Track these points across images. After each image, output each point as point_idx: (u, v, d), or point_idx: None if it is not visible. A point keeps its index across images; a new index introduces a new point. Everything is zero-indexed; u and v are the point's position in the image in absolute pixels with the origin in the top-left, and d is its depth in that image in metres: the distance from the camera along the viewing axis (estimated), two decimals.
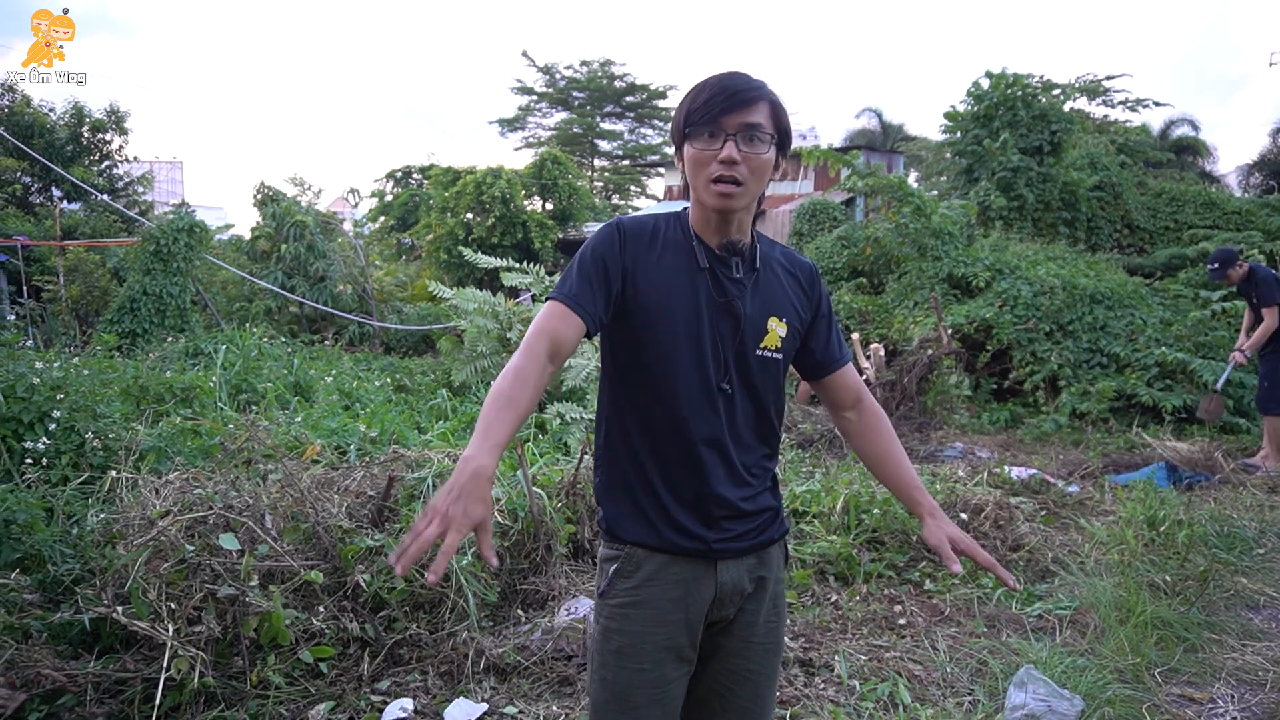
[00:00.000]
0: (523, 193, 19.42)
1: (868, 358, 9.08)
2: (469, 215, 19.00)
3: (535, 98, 34.46)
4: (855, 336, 9.55)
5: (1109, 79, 19.34)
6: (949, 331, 8.46)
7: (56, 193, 17.20)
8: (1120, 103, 18.95)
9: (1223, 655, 3.26)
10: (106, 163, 18.57)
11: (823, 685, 2.97)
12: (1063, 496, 5.30)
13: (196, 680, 2.50)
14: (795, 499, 4.47)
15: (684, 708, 1.57)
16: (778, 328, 1.55)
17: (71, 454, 4.09)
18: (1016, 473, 5.60)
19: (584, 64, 33.25)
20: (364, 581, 3.03)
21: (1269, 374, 6.23)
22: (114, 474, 3.51)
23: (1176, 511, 4.52)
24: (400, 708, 2.69)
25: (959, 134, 13.78)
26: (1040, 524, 4.66)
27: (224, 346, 7.85)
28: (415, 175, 27.83)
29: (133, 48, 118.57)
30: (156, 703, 2.46)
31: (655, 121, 34.63)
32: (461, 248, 11.80)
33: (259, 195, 15.75)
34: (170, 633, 2.55)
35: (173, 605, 2.63)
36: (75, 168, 16.57)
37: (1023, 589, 3.84)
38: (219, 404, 5.90)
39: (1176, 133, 23.17)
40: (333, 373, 8.03)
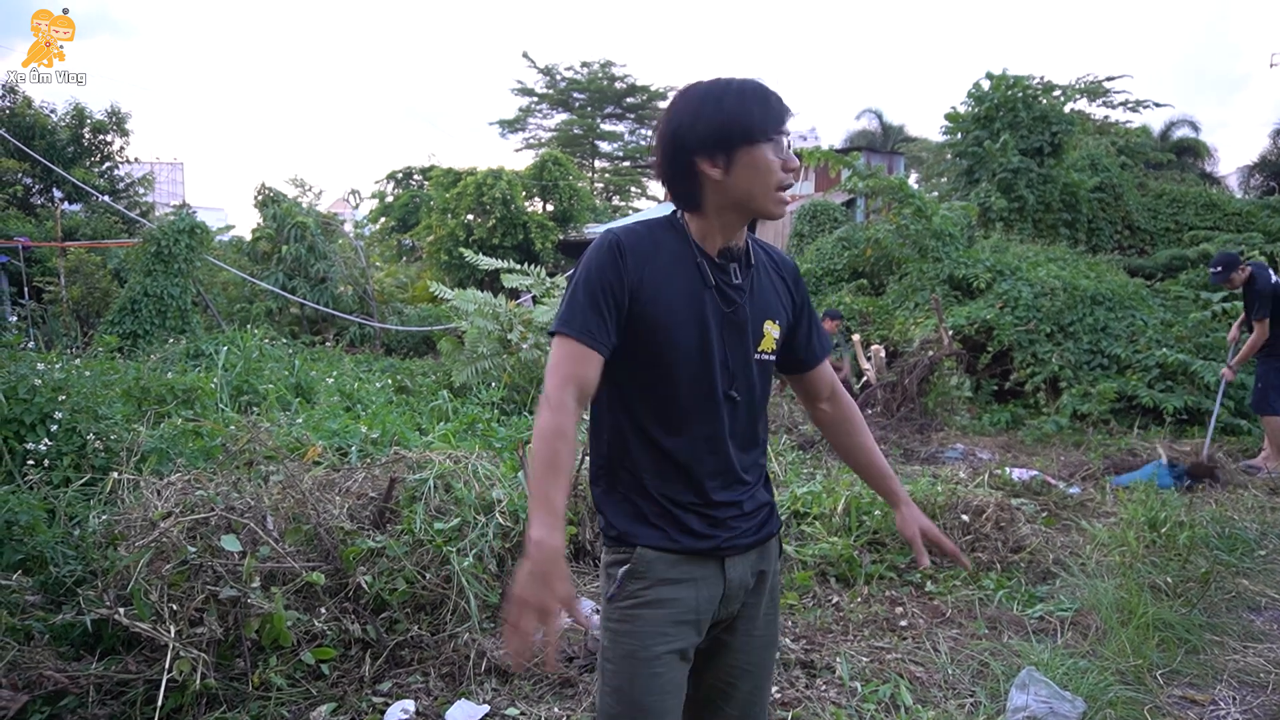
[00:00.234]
0: (523, 194, 19.44)
1: (868, 359, 9.09)
2: (470, 216, 19.02)
3: (536, 99, 34.49)
4: (856, 338, 9.55)
5: (1109, 80, 19.40)
6: (950, 333, 8.46)
7: (57, 194, 17.23)
8: (1121, 103, 18.98)
9: (1224, 657, 3.26)
10: (107, 164, 18.63)
11: (824, 687, 2.97)
12: (1064, 498, 5.29)
13: (198, 682, 2.50)
14: (796, 500, 4.45)
15: (687, 706, 1.56)
16: (772, 330, 1.57)
17: (73, 455, 4.09)
18: (1017, 474, 5.60)
19: (584, 65, 33.29)
20: (365, 583, 3.03)
21: (1264, 375, 6.24)
22: (116, 475, 3.52)
23: (1178, 513, 4.51)
24: (402, 709, 2.69)
25: (959, 135, 13.78)
26: (1041, 525, 4.66)
27: (225, 348, 7.85)
28: (416, 176, 27.85)
29: (134, 49, 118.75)
30: (158, 704, 2.47)
31: (655, 122, 34.52)
32: (462, 249, 11.82)
33: (260, 196, 15.77)
34: (172, 634, 2.55)
35: (174, 607, 2.64)
36: (76, 169, 16.61)
37: (1023, 590, 3.85)
38: (220, 405, 5.90)
39: (1177, 134, 23.15)
40: (334, 374, 8.02)
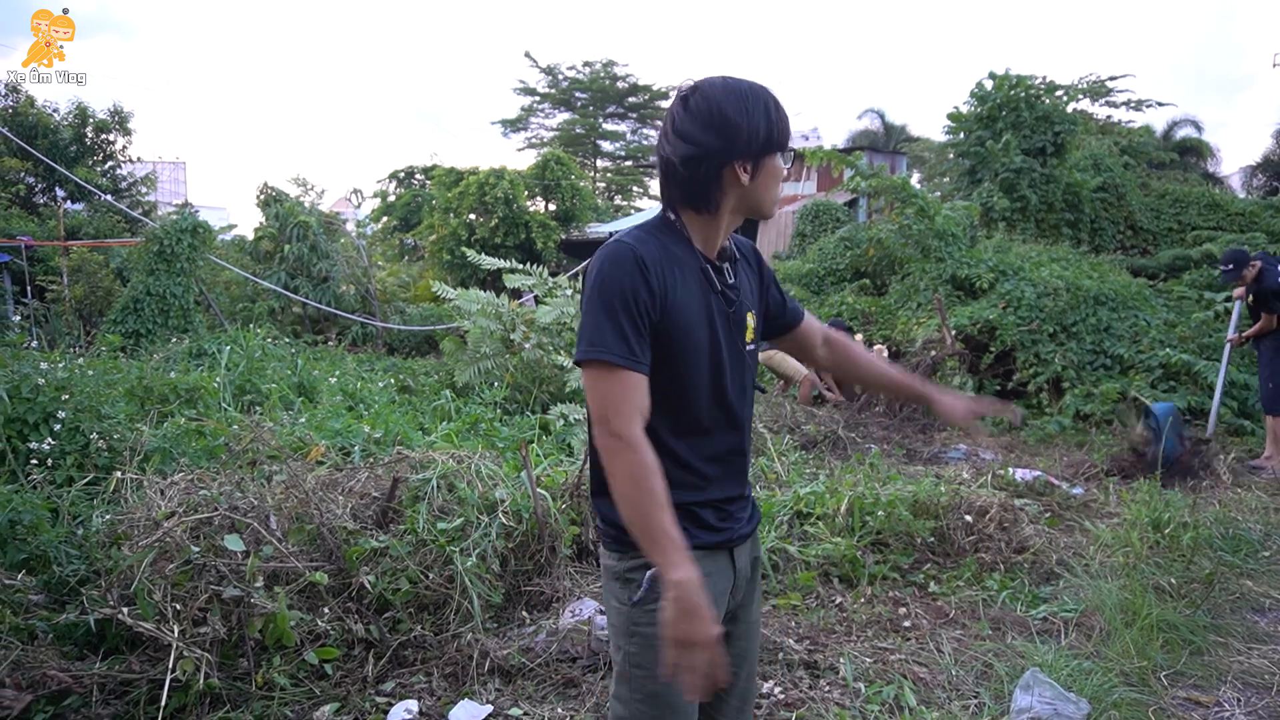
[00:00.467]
0: (525, 193, 19.43)
1: None
2: (472, 216, 19.01)
3: (538, 98, 34.47)
4: (859, 337, 9.55)
5: (1112, 79, 19.36)
6: (952, 333, 8.45)
7: (60, 193, 17.25)
8: (1123, 103, 18.96)
9: (1229, 658, 3.26)
10: (110, 163, 18.64)
11: (828, 688, 2.96)
12: (1067, 498, 5.28)
13: (202, 681, 2.50)
14: (799, 501, 4.44)
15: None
16: (752, 321, 1.61)
17: (76, 455, 4.09)
18: (1020, 475, 5.58)
19: (586, 65, 33.26)
20: (369, 583, 3.03)
21: (1274, 375, 6.22)
22: (119, 475, 3.52)
23: (1181, 514, 4.50)
24: (405, 709, 2.69)
25: (962, 135, 13.75)
26: (1045, 526, 4.64)
27: (228, 347, 7.86)
28: (418, 176, 27.82)
29: (136, 48, 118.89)
30: (162, 704, 2.47)
31: (657, 122, 34.48)
32: (464, 249, 11.80)
33: (262, 196, 15.77)
34: (175, 634, 2.55)
35: (178, 606, 2.64)
36: (79, 168, 16.62)
37: (1027, 591, 3.84)
38: (223, 405, 5.90)
39: (1180, 134, 23.12)
40: (336, 373, 8.01)
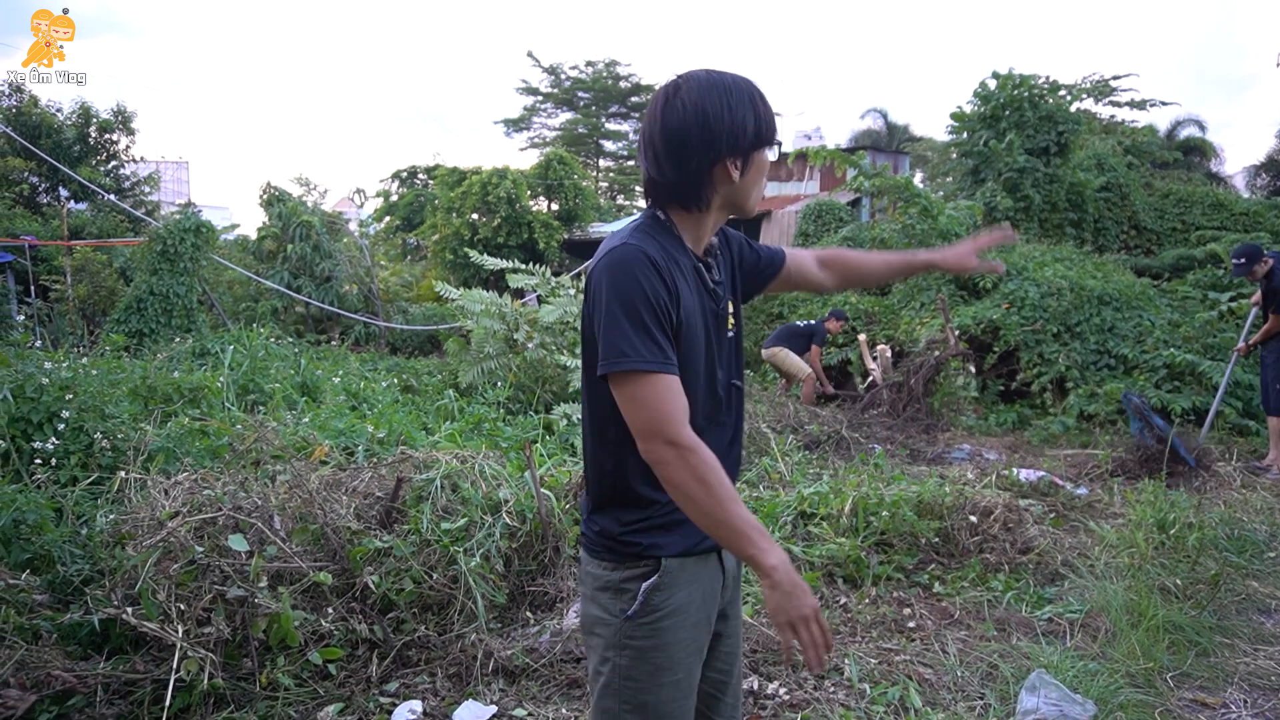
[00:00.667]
0: (528, 193, 19.41)
1: (874, 359, 9.07)
2: (474, 215, 18.99)
3: (540, 98, 34.43)
4: (862, 337, 9.53)
5: (1115, 79, 19.27)
6: (956, 333, 8.43)
7: (63, 193, 17.28)
8: (1127, 102, 18.89)
9: (1235, 660, 3.25)
10: (113, 163, 18.68)
11: (833, 689, 2.96)
12: (1071, 499, 5.27)
13: (206, 681, 2.50)
14: (803, 501, 4.44)
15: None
16: (731, 308, 1.61)
17: (80, 454, 4.09)
18: (1025, 475, 5.57)
19: (589, 64, 33.18)
20: (373, 583, 3.03)
21: (1278, 376, 6.21)
22: (123, 474, 3.52)
23: (1186, 514, 4.49)
24: (409, 709, 2.69)
25: (965, 135, 13.73)
26: (1049, 527, 4.64)
27: (231, 346, 7.86)
28: (421, 175, 27.83)
29: (139, 48, 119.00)
30: (166, 704, 2.47)
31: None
32: (467, 249, 11.80)
33: (265, 195, 15.77)
34: (180, 634, 2.55)
35: (182, 606, 2.64)
36: (82, 168, 16.65)
37: (1032, 591, 3.83)
38: (227, 404, 5.90)
39: (1183, 133, 23.09)
40: (339, 373, 8.01)
